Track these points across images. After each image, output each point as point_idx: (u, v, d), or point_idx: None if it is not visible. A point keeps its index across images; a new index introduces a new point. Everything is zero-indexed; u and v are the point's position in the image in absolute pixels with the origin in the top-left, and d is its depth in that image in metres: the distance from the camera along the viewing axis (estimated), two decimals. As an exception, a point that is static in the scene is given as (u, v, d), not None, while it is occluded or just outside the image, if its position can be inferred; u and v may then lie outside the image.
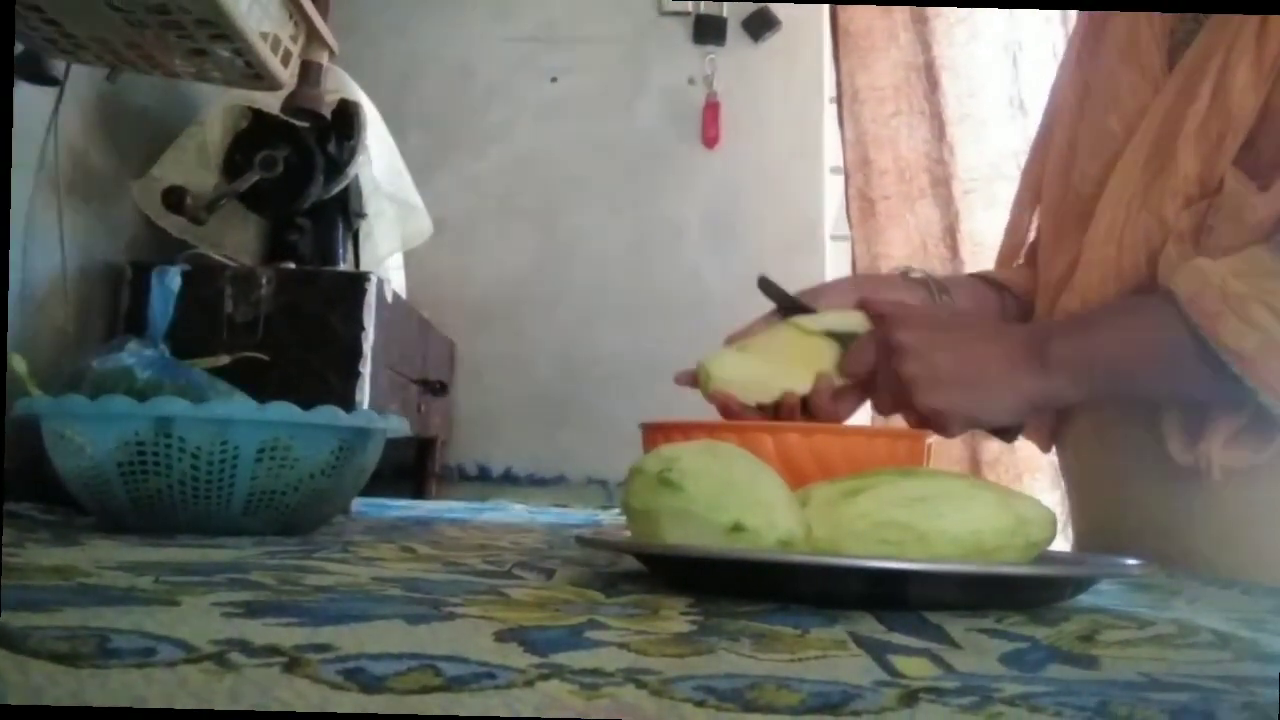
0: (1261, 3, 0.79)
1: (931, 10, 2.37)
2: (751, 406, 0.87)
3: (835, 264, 2.53)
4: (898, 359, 0.83)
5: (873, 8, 2.43)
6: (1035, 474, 2.19)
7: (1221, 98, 0.81)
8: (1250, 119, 0.80)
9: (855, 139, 2.44)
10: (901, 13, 2.41)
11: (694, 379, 0.89)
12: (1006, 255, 1.09)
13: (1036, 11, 2.27)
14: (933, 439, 0.84)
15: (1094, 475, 0.94)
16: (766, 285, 0.92)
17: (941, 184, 2.35)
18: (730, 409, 0.86)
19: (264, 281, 1.52)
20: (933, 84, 2.38)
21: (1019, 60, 2.32)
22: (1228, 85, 0.81)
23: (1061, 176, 0.98)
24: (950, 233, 2.33)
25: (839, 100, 2.48)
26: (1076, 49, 1.02)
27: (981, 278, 1.05)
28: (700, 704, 0.30)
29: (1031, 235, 1.08)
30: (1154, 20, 0.90)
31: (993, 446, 2.19)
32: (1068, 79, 1.02)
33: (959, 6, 2.29)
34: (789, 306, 0.91)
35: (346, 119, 1.64)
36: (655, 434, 0.80)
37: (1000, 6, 2.29)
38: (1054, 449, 1.03)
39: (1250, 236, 0.77)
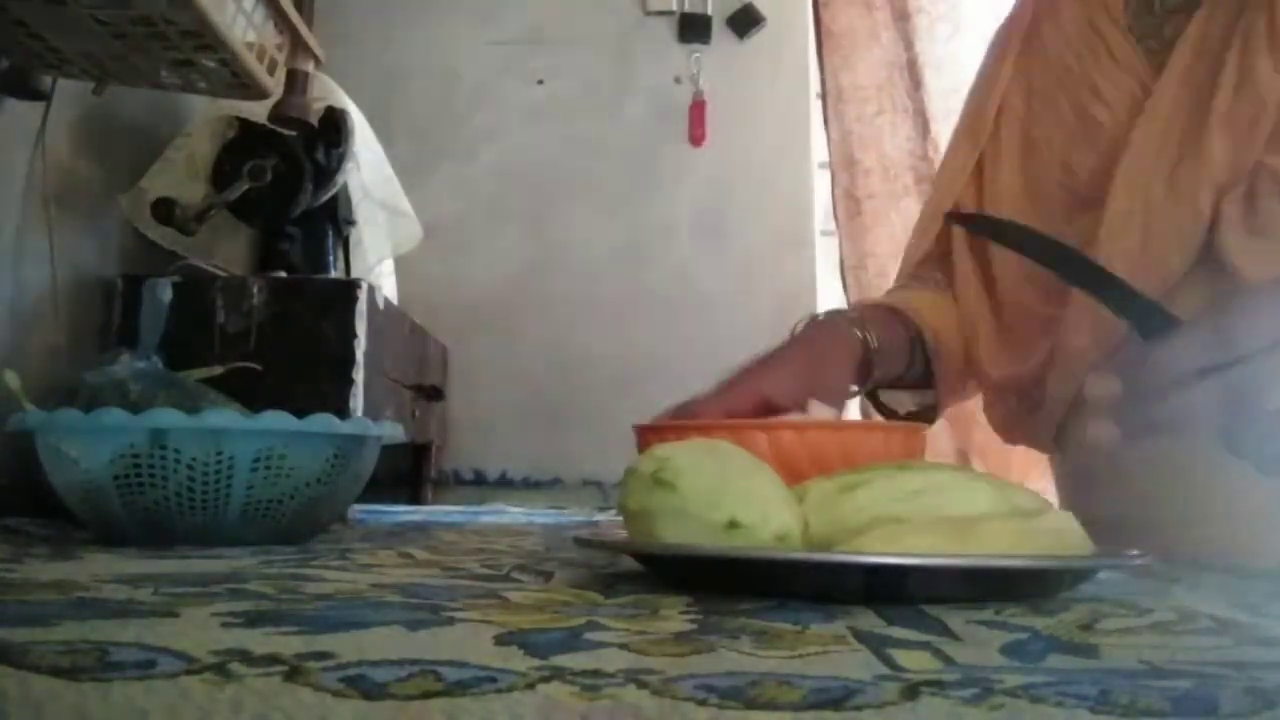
0: None
1: (913, 7, 2.37)
2: None
3: (826, 259, 2.53)
4: None
5: (854, 6, 2.43)
6: (1029, 468, 2.18)
7: (1249, 86, 0.82)
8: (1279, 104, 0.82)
9: (840, 139, 2.45)
10: (883, 11, 2.42)
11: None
12: (914, 256, 1.10)
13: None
14: (926, 429, 0.83)
15: (1101, 474, 0.93)
16: None
17: (926, 181, 2.35)
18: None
19: (255, 291, 1.52)
20: (916, 82, 2.38)
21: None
22: (1253, 74, 0.82)
23: (1020, 175, 0.99)
24: (935, 229, 2.34)
25: (824, 100, 2.48)
26: (1001, 61, 1.03)
27: (894, 311, 1.02)
28: (702, 703, 0.30)
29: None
30: (1110, 11, 0.92)
31: (977, 437, 2.18)
32: (1004, 87, 1.03)
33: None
34: None
35: (334, 126, 1.64)
36: (649, 435, 0.79)
37: None
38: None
39: None
